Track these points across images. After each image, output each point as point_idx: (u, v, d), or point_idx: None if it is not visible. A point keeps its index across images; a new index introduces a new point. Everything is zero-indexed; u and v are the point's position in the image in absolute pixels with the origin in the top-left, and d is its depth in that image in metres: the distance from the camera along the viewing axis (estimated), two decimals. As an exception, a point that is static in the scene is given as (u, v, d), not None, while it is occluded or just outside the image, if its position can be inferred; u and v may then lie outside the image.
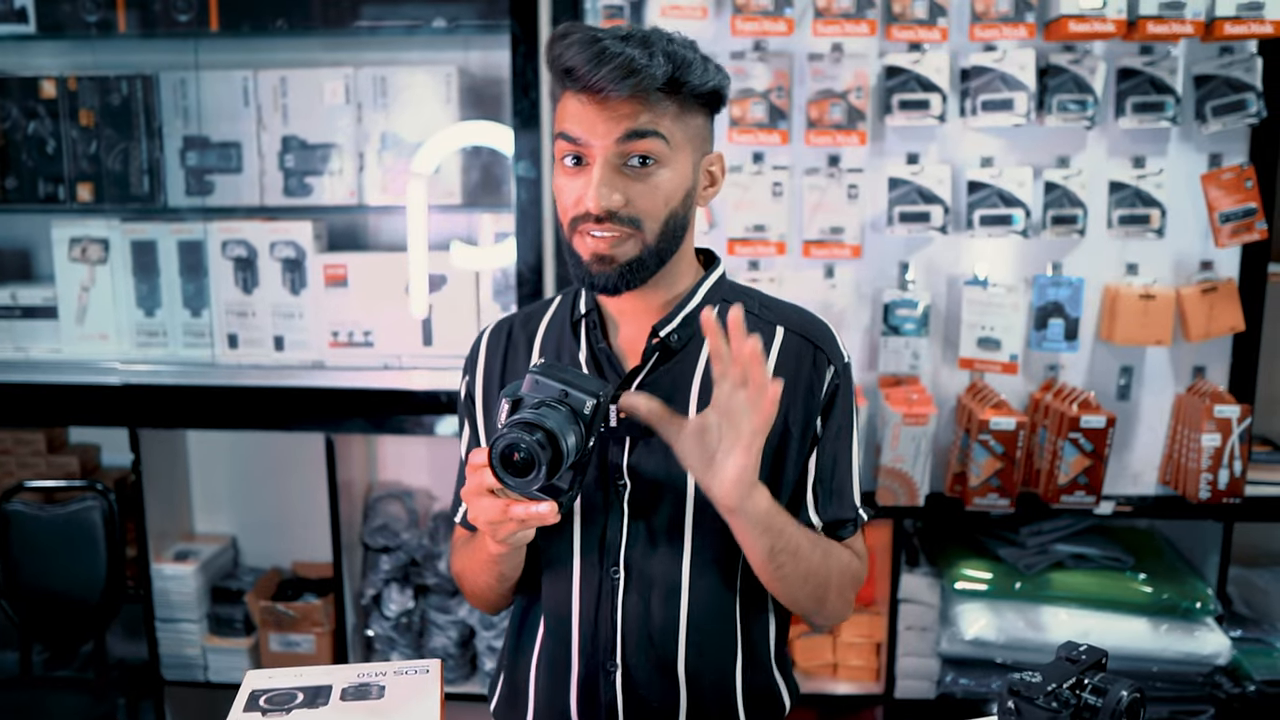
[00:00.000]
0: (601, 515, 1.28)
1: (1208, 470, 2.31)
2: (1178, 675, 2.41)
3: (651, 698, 1.29)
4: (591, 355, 1.31)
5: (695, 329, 1.29)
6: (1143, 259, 2.38)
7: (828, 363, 1.31)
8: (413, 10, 2.46)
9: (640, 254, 1.22)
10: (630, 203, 1.20)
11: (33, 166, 2.57)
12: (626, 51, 1.15)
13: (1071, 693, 1.09)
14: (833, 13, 2.25)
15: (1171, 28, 2.19)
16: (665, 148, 1.20)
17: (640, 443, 1.27)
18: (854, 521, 1.35)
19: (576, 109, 1.19)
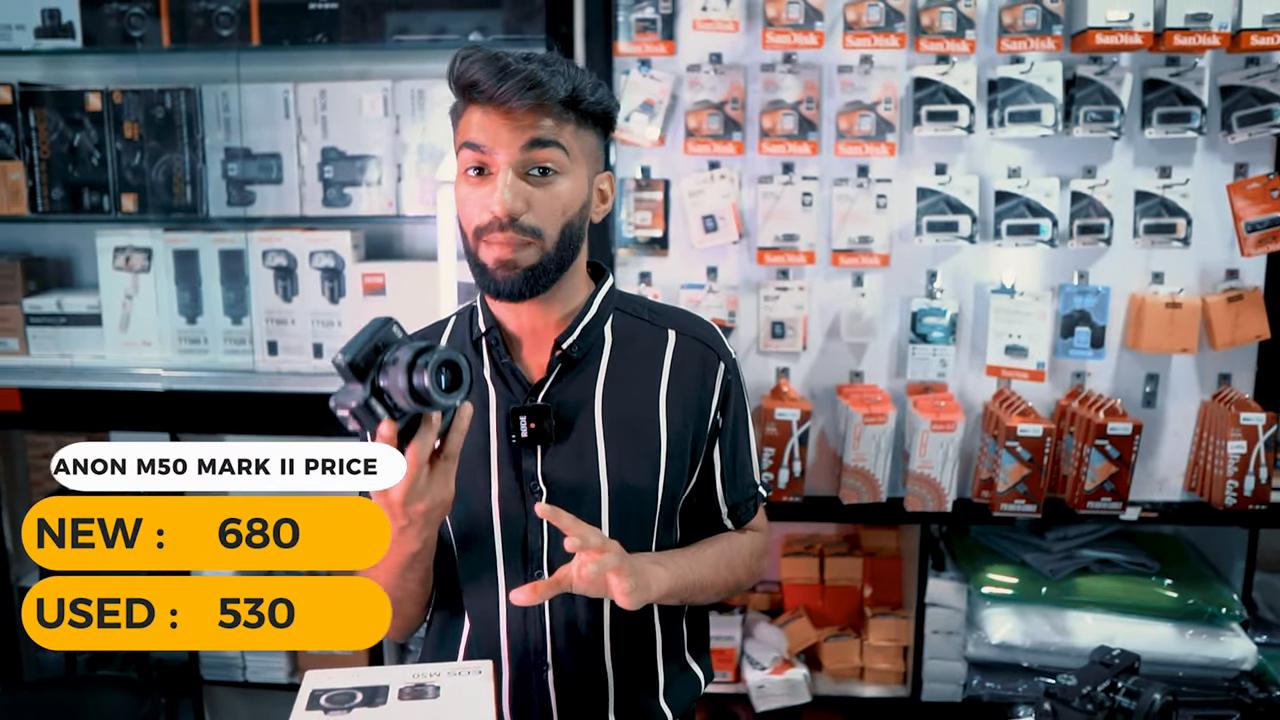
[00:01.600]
0: (521, 521, 1.33)
1: (1234, 477, 2.33)
2: (1203, 680, 2.43)
3: (582, 690, 1.37)
4: (496, 370, 1.36)
5: (594, 340, 1.37)
6: (1169, 268, 2.41)
7: (718, 360, 1.41)
8: (450, 25, 2.51)
9: (541, 260, 1.27)
10: (532, 209, 1.25)
11: (78, 177, 2.63)
12: (529, 67, 1.22)
13: (1106, 695, 1.12)
14: (862, 26, 2.29)
15: (1198, 39, 2.22)
16: (565, 158, 1.27)
17: (551, 450, 1.33)
18: (753, 500, 1.50)
19: (481, 120, 1.25)
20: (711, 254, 2.45)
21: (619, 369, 1.37)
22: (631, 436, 1.34)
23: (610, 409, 1.34)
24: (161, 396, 2.57)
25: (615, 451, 1.33)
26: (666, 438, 1.35)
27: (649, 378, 1.37)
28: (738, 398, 1.44)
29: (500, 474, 1.34)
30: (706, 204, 2.41)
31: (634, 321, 1.41)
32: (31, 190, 2.63)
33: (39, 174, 2.62)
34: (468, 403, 1.18)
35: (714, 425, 1.40)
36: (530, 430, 1.32)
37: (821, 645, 2.65)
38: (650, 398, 1.36)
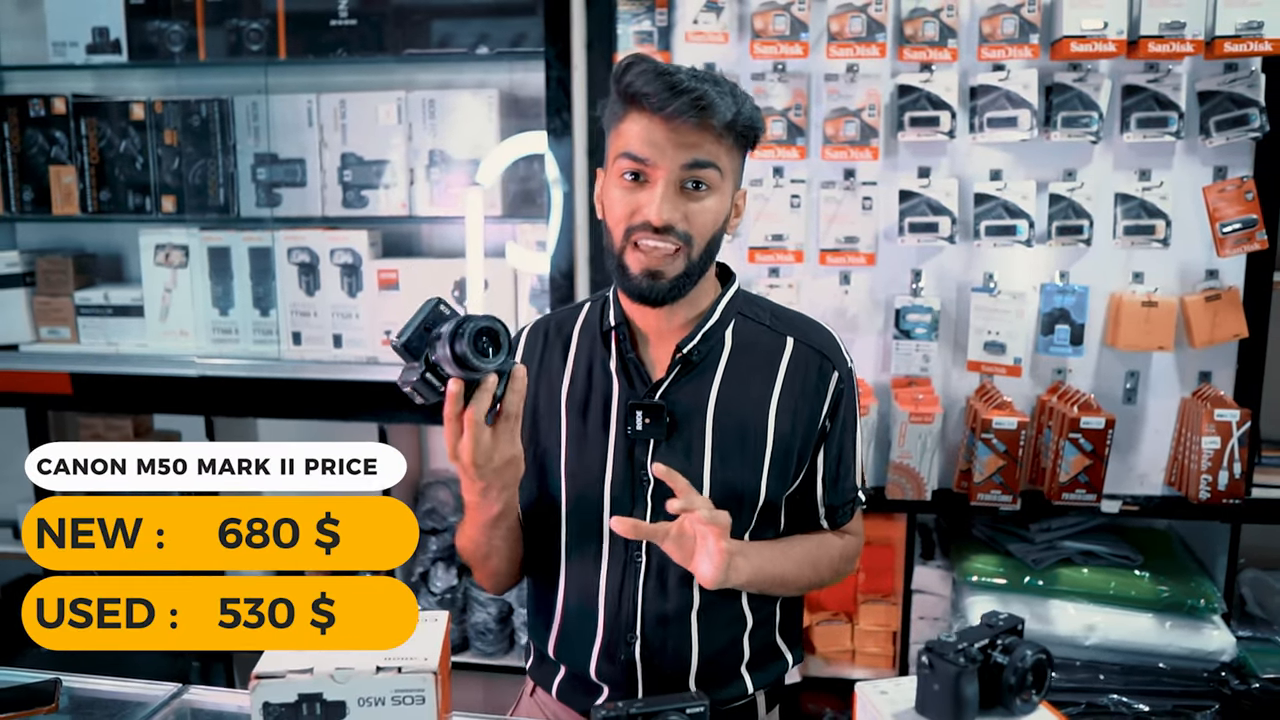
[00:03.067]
0: (628, 507, 1.42)
1: (1207, 472, 2.39)
2: (1183, 671, 2.48)
3: (665, 664, 1.45)
4: (621, 364, 1.45)
5: (714, 344, 1.44)
6: (1148, 268, 2.48)
7: (833, 369, 1.47)
8: (459, 38, 2.68)
9: (686, 269, 1.36)
10: (686, 219, 1.34)
11: (124, 181, 2.85)
12: (701, 87, 1.29)
13: (981, 652, 1.21)
14: (845, 36, 2.40)
15: (1172, 47, 2.28)
16: (719, 177, 1.35)
17: (663, 444, 1.41)
18: (851, 504, 1.54)
19: (644, 131, 1.32)
20: (705, 253, 2.58)
21: (735, 373, 1.44)
22: (739, 441, 1.41)
23: (722, 413, 1.41)
24: (196, 382, 2.77)
25: (721, 455, 1.41)
26: (773, 444, 1.42)
27: (763, 383, 1.44)
28: (849, 405, 1.49)
29: (615, 461, 1.42)
30: (701, 205, 2.54)
31: (755, 327, 1.47)
32: (82, 192, 2.85)
33: (89, 177, 2.85)
34: (521, 365, 1.23)
35: (822, 430, 1.46)
36: (645, 424, 1.40)
37: (814, 629, 2.76)
38: (762, 404, 1.43)
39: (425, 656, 1.23)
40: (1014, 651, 1.20)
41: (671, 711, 1.20)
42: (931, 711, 1.16)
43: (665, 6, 2.48)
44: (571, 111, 2.52)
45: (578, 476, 1.44)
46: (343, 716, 1.21)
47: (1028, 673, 1.18)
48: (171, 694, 1.62)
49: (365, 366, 2.75)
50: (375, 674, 1.21)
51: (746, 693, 1.50)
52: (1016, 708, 1.17)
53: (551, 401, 1.48)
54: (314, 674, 1.21)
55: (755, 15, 2.42)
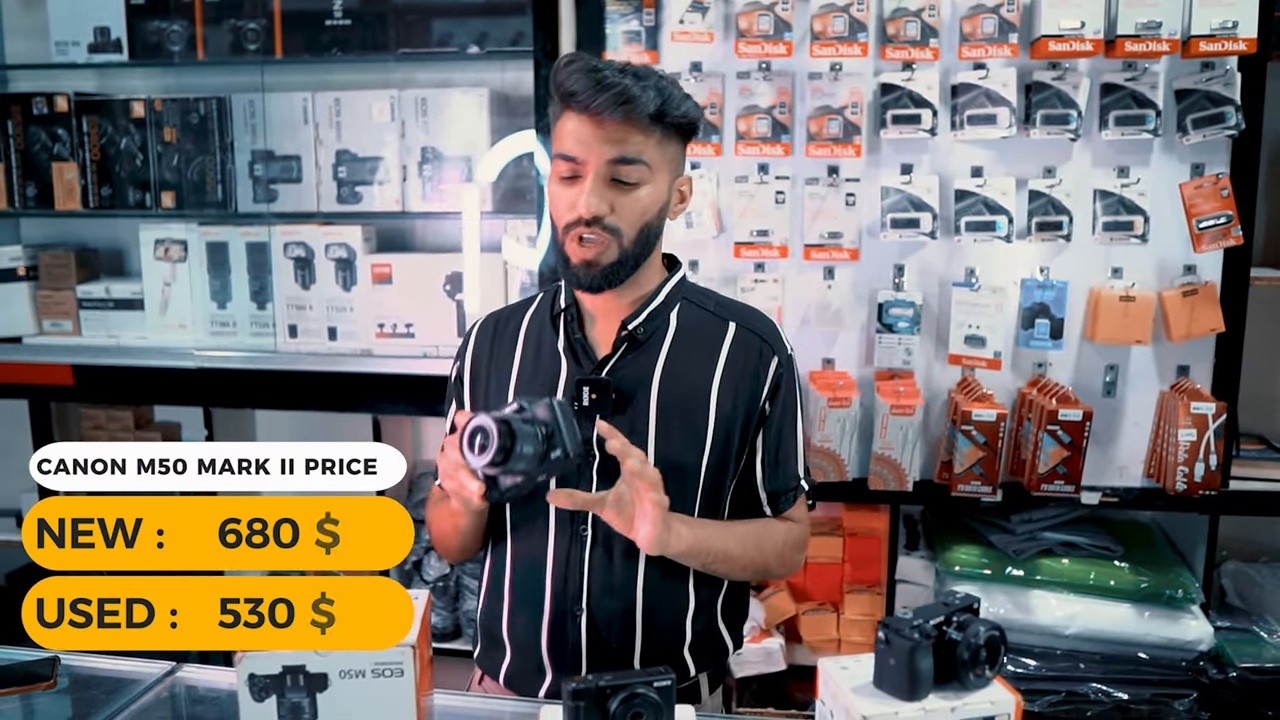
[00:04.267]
0: (574, 479, 1.46)
1: (1184, 464, 2.43)
2: (1162, 660, 2.52)
3: (612, 639, 1.49)
4: (568, 344, 1.51)
5: (659, 324, 1.50)
6: (1127, 263, 2.51)
7: (773, 354, 1.52)
8: (452, 38, 2.73)
9: (619, 258, 1.42)
10: (615, 212, 1.40)
11: (125, 177, 2.91)
12: (623, 82, 1.34)
13: (936, 629, 1.26)
14: (828, 36, 2.44)
15: (1148, 46, 2.33)
16: (647, 171, 1.40)
17: (608, 419, 1.45)
18: (795, 490, 1.58)
19: (575, 128, 1.38)
20: (692, 248, 2.62)
21: (679, 353, 1.49)
22: (682, 416, 1.46)
23: (666, 389, 1.46)
24: (195, 374, 2.83)
25: (665, 428, 1.46)
26: (714, 421, 1.47)
27: (705, 364, 1.49)
28: (789, 391, 1.53)
29: None
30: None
31: (699, 312, 1.53)
32: (84, 188, 2.92)
33: (90, 174, 2.91)
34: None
35: (761, 412, 1.51)
36: (591, 400, 1.45)
37: (800, 618, 2.80)
38: (704, 383, 1.48)
39: (403, 632, 1.29)
40: (968, 628, 1.23)
41: (639, 684, 1.24)
42: (888, 685, 1.20)
43: (652, 7, 2.53)
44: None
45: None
46: (325, 687, 1.26)
47: (981, 648, 1.22)
48: (165, 671, 1.67)
49: (359, 359, 2.81)
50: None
51: (689, 675, 1.55)
52: (970, 682, 1.20)
53: (501, 390, 1.54)
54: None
55: (740, 15, 2.46)
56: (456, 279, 2.76)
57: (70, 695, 1.66)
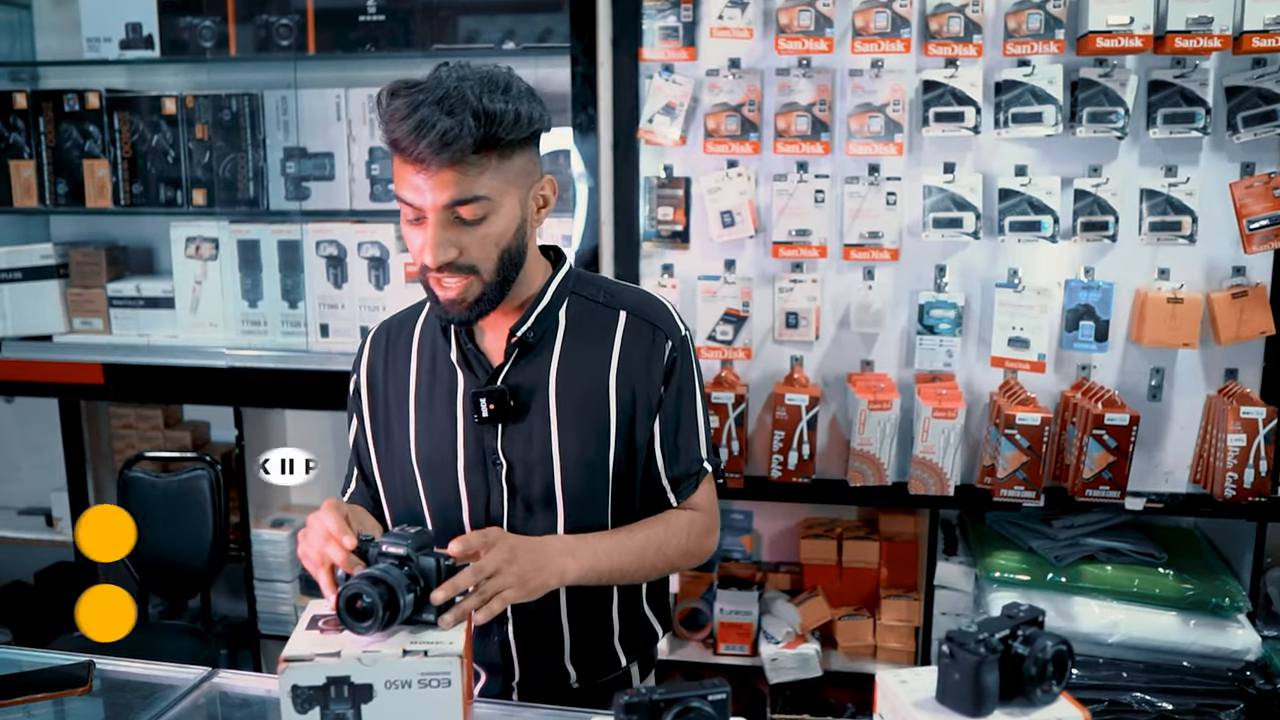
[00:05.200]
0: (484, 491, 1.46)
1: (1233, 469, 2.39)
2: (1208, 670, 2.48)
3: (539, 641, 1.49)
4: (461, 355, 1.47)
5: (548, 324, 1.47)
6: (1175, 264, 2.47)
7: (665, 338, 1.48)
8: (486, 34, 2.70)
9: (483, 291, 1.37)
10: (464, 252, 1.34)
11: (156, 174, 2.89)
12: (440, 122, 1.25)
13: (1002, 642, 1.22)
14: (870, 32, 2.40)
15: (1199, 42, 2.28)
16: (489, 203, 1.33)
17: (509, 427, 1.44)
18: (698, 475, 1.54)
19: (408, 175, 1.32)
20: (729, 247, 2.59)
21: (571, 351, 1.47)
22: (582, 415, 1.44)
23: (563, 389, 1.44)
24: (226, 373, 2.81)
25: (567, 429, 1.44)
26: (616, 415, 1.45)
27: (599, 358, 1.47)
28: (683, 373, 1.50)
29: (466, 450, 1.46)
30: (725, 200, 2.55)
31: (588, 304, 1.50)
32: (115, 185, 2.90)
33: (122, 171, 2.89)
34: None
35: (658, 399, 1.49)
36: (490, 411, 1.43)
37: (836, 623, 2.77)
38: (600, 377, 1.46)
39: (451, 641, 1.26)
40: (1034, 642, 1.20)
41: (694, 698, 1.21)
42: (951, 700, 1.17)
43: (690, 2, 2.49)
44: (597, 107, 2.54)
45: (433, 468, 1.47)
46: (370, 699, 1.23)
47: (1048, 663, 1.19)
48: (201, 677, 1.65)
49: (392, 358, 2.77)
50: (402, 657, 1.23)
51: (620, 665, 1.55)
52: (1037, 698, 1.17)
53: (400, 401, 1.52)
54: (341, 657, 1.23)
55: (780, 10, 2.42)
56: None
57: (105, 700, 1.65)
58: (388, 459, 1.54)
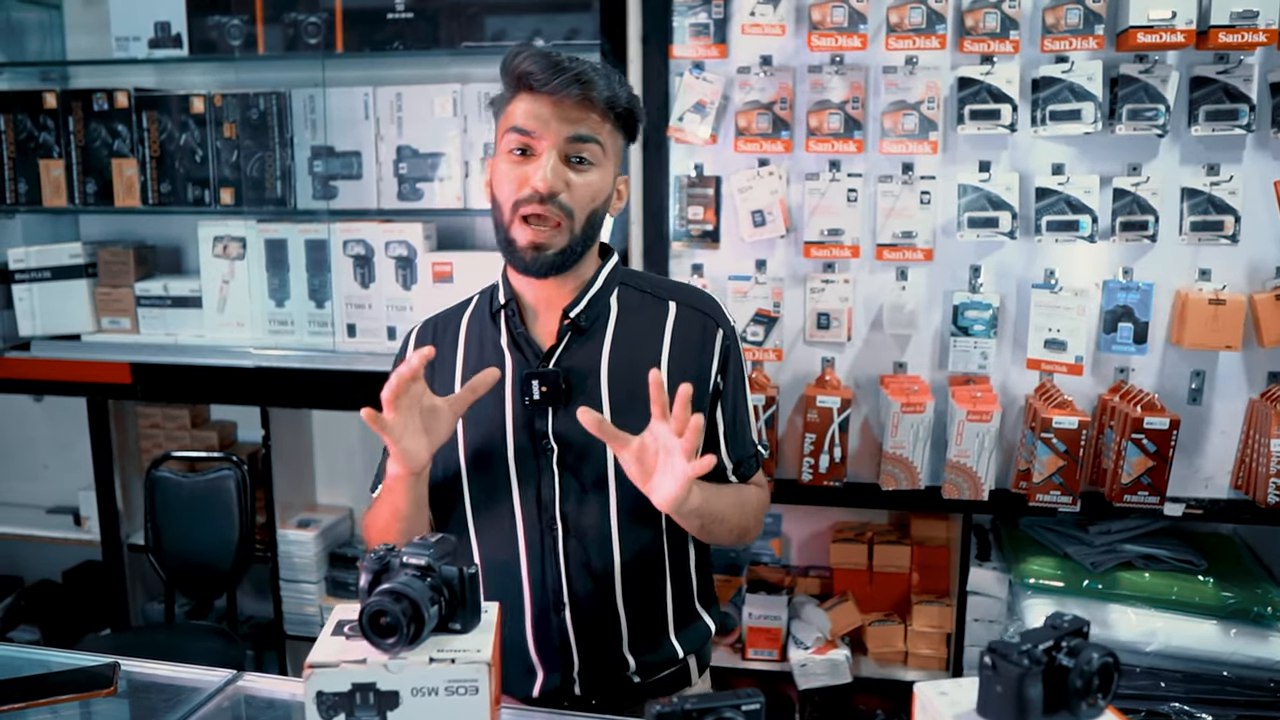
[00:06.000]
0: (535, 476, 1.48)
1: (1276, 475, 2.33)
2: (1248, 680, 2.42)
3: (598, 629, 1.50)
4: (511, 339, 1.51)
5: (600, 310, 1.51)
6: (1216, 265, 2.41)
7: (717, 327, 1.54)
8: (514, 32, 2.68)
9: (569, 243, 1.43)
10: (569, 190, 1.41)
11: (184, 173, 2.89)
12: (580, 66, 1.38)
13: (1046, 654, 1.19)
14: (904, 28, 2.36)
15: (1244, 37, 2.22)
16: (601, 153, 1.43)
17: (561, 411, 1.46)
18: (755, 457, 1.60)
19: (530, 107, 1.40)
20: (760, 247, 2.56)
21: (623, 337, 1.50)
22: (634, 398, 1.45)
23: (615, 373, 1.47)
24: (252, 373, 2.80)
25: (619, 412, 1.45)
26: (668, 399, 1.46)
27: (651, 344, 1.50)
28: (736, 363, 1.56)
29: (515, 434, 1.48)
30: (755, 199, 2.52)
31: (638, 294, 1.55)
32: (143, 185, 2.90)
33: (150, 170, 2.89)
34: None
35: (715, 388, 1.53)
36: (542, 393, 1.45)
37: (866, 629, 2.73)
38: (652, 363, 1.48)
39: (478, 648, 1.24)
40: (1080, 654, 1.17)
41: (727, 707, 1.18)
42: (993, 713, 1.14)
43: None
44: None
45: (480, 455, 1.48)
46: (396, 705, 1.21)
47: (1094, 676, 1.16)
48: (226, 680, 1.64)
49: (419, 358, 2.76)
50: (428, 664, 1.21)
51: (678, 657, 1.55)
52: (1082, 712, 1.15)
53: (446, 390, 1.51)
54: (368, 664, 1.21)
55: (813, 7, 2.38)
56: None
57: (130, 701, 1.64)
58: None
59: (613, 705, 1.52)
